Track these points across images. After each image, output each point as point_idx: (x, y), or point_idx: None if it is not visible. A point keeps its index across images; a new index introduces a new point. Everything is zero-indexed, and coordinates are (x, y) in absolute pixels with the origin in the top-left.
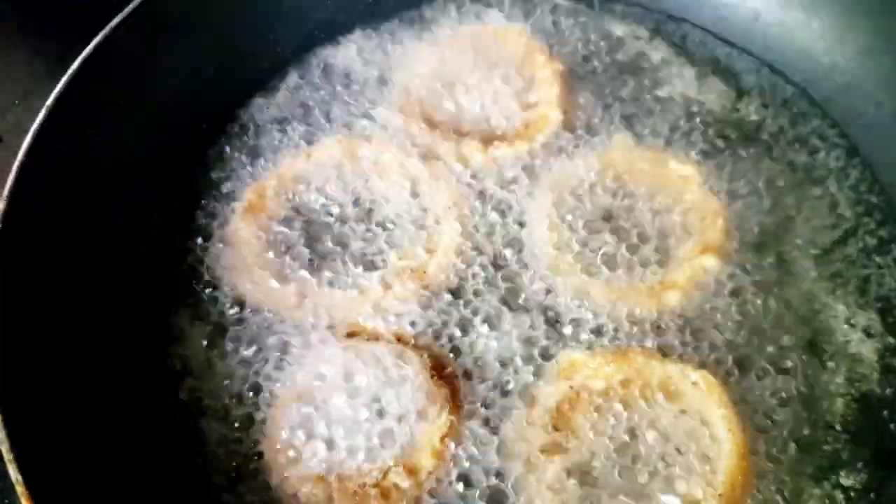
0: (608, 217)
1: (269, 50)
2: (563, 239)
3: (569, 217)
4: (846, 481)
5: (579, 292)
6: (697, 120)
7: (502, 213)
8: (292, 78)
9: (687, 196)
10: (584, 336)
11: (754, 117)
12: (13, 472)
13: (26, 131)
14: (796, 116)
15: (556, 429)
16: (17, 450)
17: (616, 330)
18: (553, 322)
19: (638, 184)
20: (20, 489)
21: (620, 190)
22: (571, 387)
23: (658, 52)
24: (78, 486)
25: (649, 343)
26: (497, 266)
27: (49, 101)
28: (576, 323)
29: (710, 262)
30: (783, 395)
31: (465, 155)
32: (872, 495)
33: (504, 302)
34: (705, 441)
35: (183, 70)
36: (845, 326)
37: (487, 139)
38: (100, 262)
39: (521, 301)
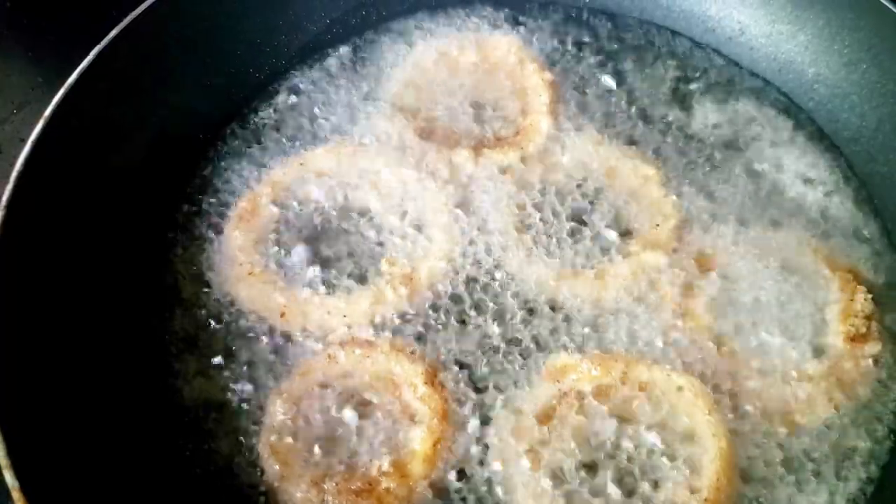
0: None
1: (263, 60)
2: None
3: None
4: (833, 487)
5: (563, 295)
6: (675, 127)
7: (492, 220)
8: (286, 87)
9: (646, 195)
10: (572, 339)
11: (737, 126)
12: (10, 479)
13: (24, 140)
14: (778, 126)
15: (544, 431)
16: (14, 455)
17: (602, 334)
18: (541, 326)
19: (603, 180)
20: (16, 495)
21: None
22: (559, 390)
23: (649, 65)
24: (75, 492)
25: (635, 348)
26: (487, 272)
27: (48, 111)
28: (564, 326)
29: (656, 257)
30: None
31: (457, 163)
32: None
33: (494, 307)
34: (691, 446)
35: (180, 79)
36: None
37: (478, 147)
38: (97, 268)
39: (510, 306)
